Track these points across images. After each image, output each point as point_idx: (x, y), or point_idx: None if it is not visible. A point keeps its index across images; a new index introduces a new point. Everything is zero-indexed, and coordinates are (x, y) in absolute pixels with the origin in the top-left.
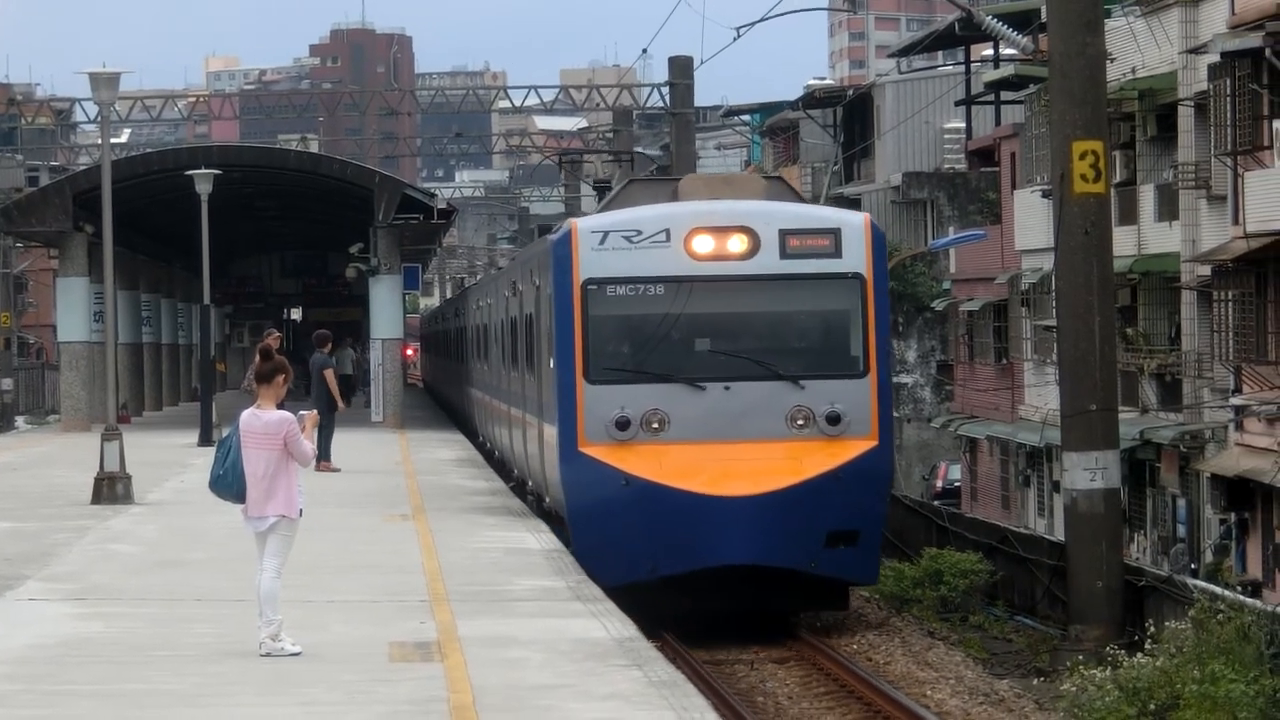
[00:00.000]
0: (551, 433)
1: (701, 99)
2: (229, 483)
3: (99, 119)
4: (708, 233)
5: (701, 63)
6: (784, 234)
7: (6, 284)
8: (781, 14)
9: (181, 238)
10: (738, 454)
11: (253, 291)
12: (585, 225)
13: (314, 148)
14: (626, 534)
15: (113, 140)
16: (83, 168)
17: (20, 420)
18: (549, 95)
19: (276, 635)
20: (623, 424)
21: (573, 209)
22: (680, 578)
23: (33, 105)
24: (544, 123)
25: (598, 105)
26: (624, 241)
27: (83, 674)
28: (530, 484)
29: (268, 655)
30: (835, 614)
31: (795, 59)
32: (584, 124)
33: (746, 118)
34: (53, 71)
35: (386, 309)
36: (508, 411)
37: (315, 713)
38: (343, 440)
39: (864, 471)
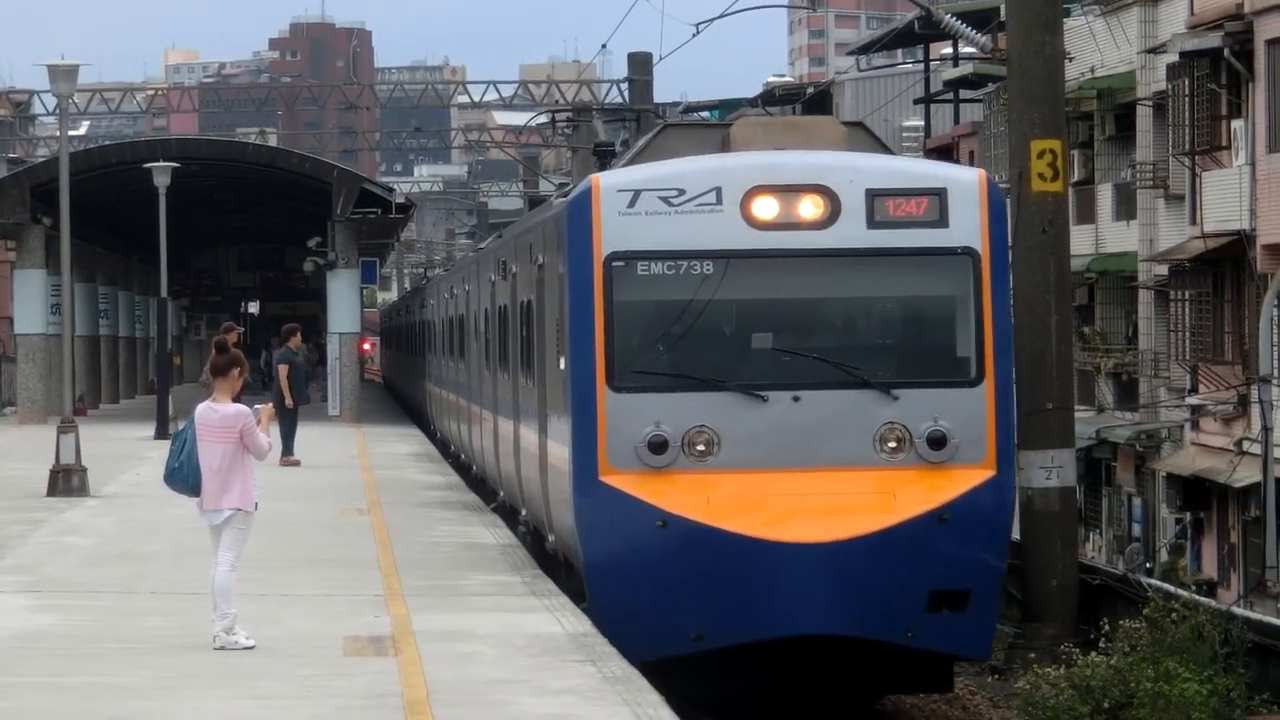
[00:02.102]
0: (559, 454)
1: (661, 95)
2: (184, 476)
3: (57, 111)
4: (771, 193)
5: (661, 58)
6: (872, 195)
7: None
8: (741, 10)
9: (139, 230)
10: (810, 486)
11: (210, 284)
12: (610, 182)
13: (273, 141)
14: (663, 593)
15: (71, 133)
16: (41, 160)
17: None
18: (508, 91)
19: (230, 629)
20: (658, 445)
21: (534, 203)
22: (733, 651)
23: None
24: (503, 118)
25: (557, 101)
26: (661, 204)
27: (35, 666)
28: (523, 514)
29: (221, 649)
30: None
31: (755, 56)
32: (544, 119)
33: (705, 114)
34: (11, 63)
35: (344, 303)
36: (491, 421)
37: (268, 706)
38: (299, 435)
39: (978, 511)
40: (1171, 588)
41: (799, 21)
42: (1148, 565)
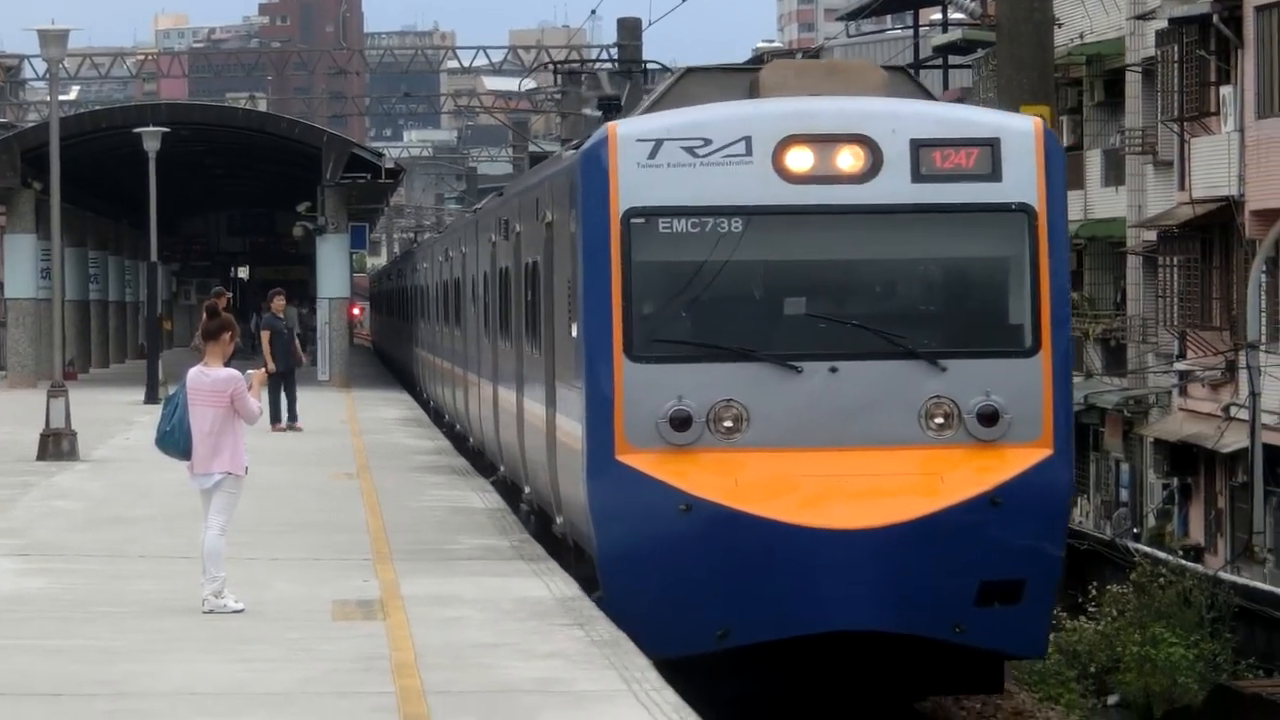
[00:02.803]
0: (571, 430)
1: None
2: (175, 440)
3: (47, 76)
4: (807, 143)
5: (650, 24)
6: (918, 146)
7: None
8: None
9: (130, 195)
10: (849, 467)
11: (200, 249)
12: (629, 131)
13: (262, 106)
14: (685, 584)
15: (61, 97)
16: (31, 124)
17: None
18: (498, 56)
19: (220, 592)
20: (681, 421)
21: (520, 169)
22: (764, 649)
23: None
24: (492, 83)
25: (546, 67)
26: (685, 155)
27: (24, 629)
28: (527, 492)
29: (211, 612)
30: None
31: (744, 21)
32: (532, 84)
33: None
34: (0, 28)
35: (333, 268)
36: (491, 390)
37: (257, 670)
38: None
39: (1034, 493)
40: (1159, 553)
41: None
42: (1135, 530)
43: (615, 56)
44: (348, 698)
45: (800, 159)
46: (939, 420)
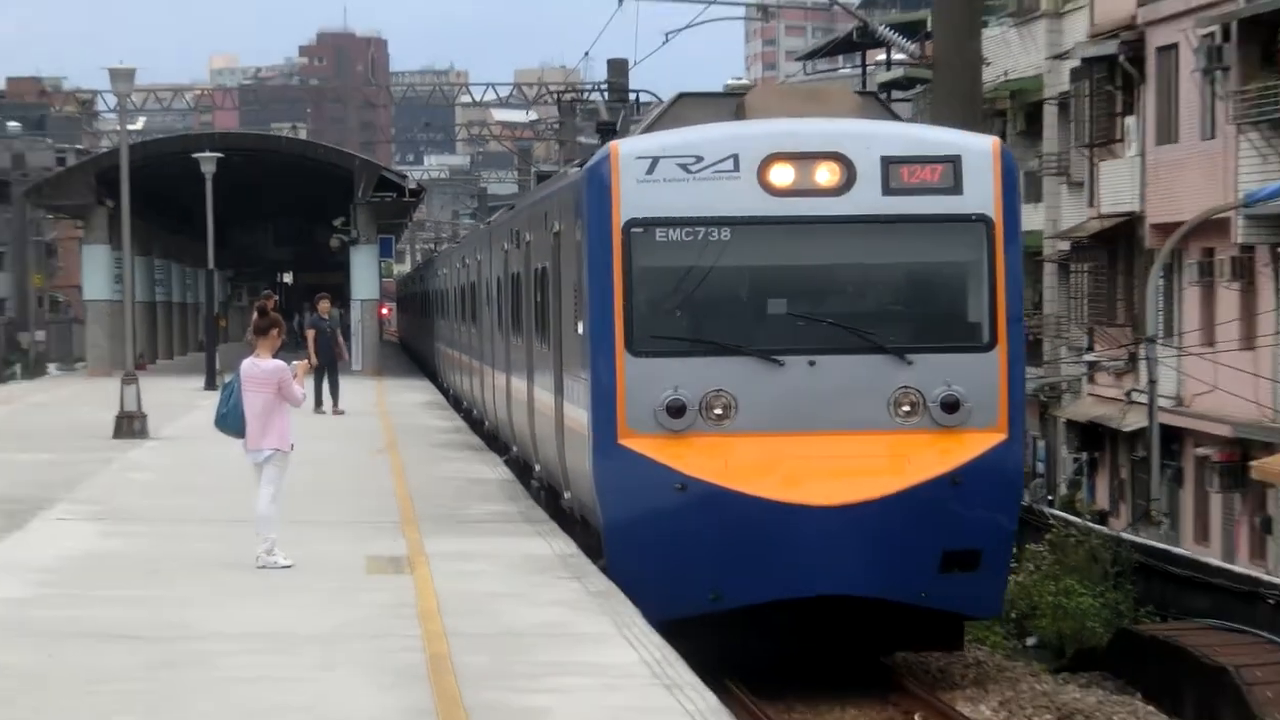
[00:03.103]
0: (578, 416)
1: (635, 102)
2: (231, 421)
3: (118, 109)
4: (788, 160)
5: (635, 63)
6: (888, 162)
7: (40, 250)
8: (704, 21)
9: (189, 211)
10: (826, 450)
11: (250, 258)
12: (629, 148)
13: (303, 135)
14: (681, 553)
15: (130, 127)
16: (104, 150)
17: (51, 367)
18: (505, 91)
19: (270, 551)
20: (676, 409)
21: (525, 189)
22: (751, 610)
23: (61, 96)
24: (500, 115)
25: (546, 100)
26: (679, 170)
27: (104, 582)
28: (537, 469)
29: (263, 568)
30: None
31: (716, 61)
32: (534, 116)
33: None
34: (78, 66)
35: (365, 274)
36: (504, 380)
37: (303, 615)
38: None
39: (990, 473)
40: (1070, 517)
41: (754, 31)
42: (1049, 498)
43: (606, 90)
44: (381, 638)
45: (782, 174)
46: (906, 408)
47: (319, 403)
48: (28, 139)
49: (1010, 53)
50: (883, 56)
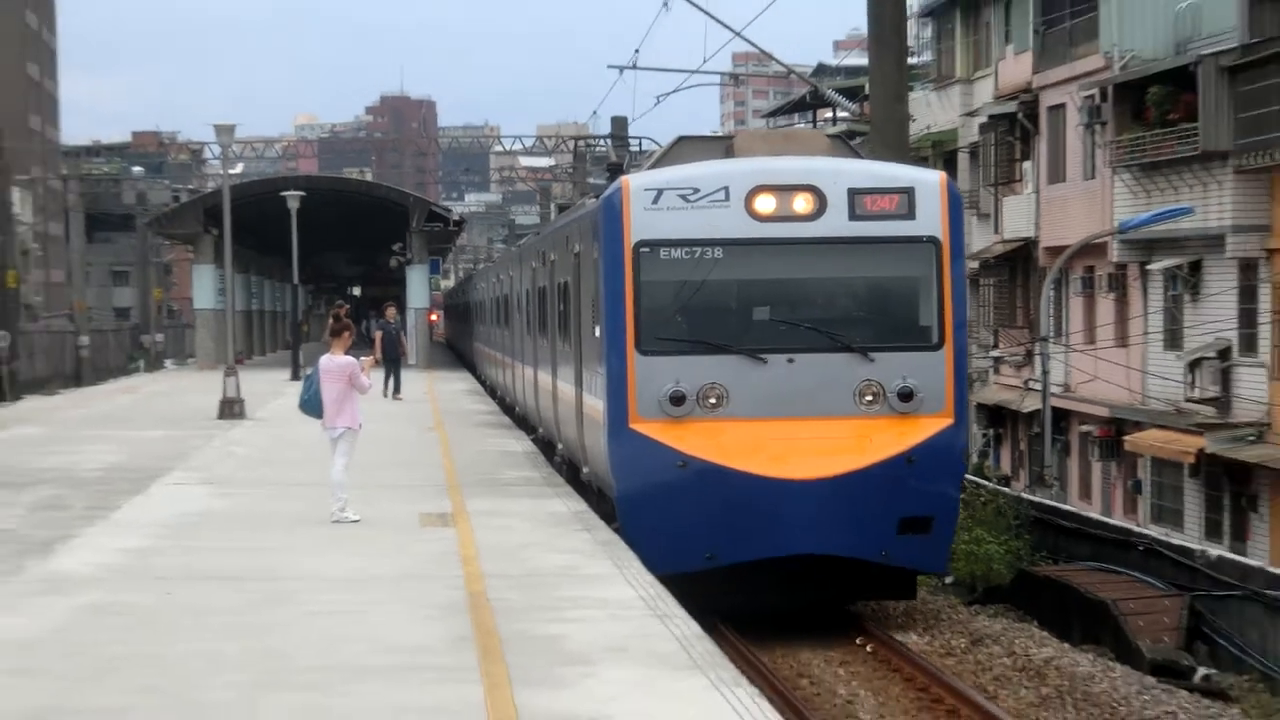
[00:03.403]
0: (595, 405)
1: (634, 149)
2: (312, 405)
3: (221, 156)
4: (770, 191)
5: (633, 120)
6: (853, 193)
7: (158, 269)
8: (688, 86)
9: (278, 237)
10: (803, 432)
11: (326, 274)
12: (638, 182)
13: (368, 177)
14: (682, 519)
15: (230, 171)
16: (210, 190)
17: (168, 363)
18: (529, 142)
19: (343, 509)
20: (677, 399)
21: (545, 219)
22: (740, 568)
23: (175, 146)
24: (526, 161)
25: (562, 149)
26: (679, 200)
27: (212, 535)
28: (560, 447)
29: (336, 522)
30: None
31: (697, 117)
32: (552, 162)
33: None
34: (188, 122)
35: (418, 287)
36: (532, 373)
37: (370, 560)
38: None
39: (939, 452)
40: (981, 480)
41: (727, 94)
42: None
43: (610, 140)
44: (431, 579)
45: (765, 203)
46: (869, 398)
47: (385, 391)
48: (149, 180)
49: (931, 111)
50: (830, 114)
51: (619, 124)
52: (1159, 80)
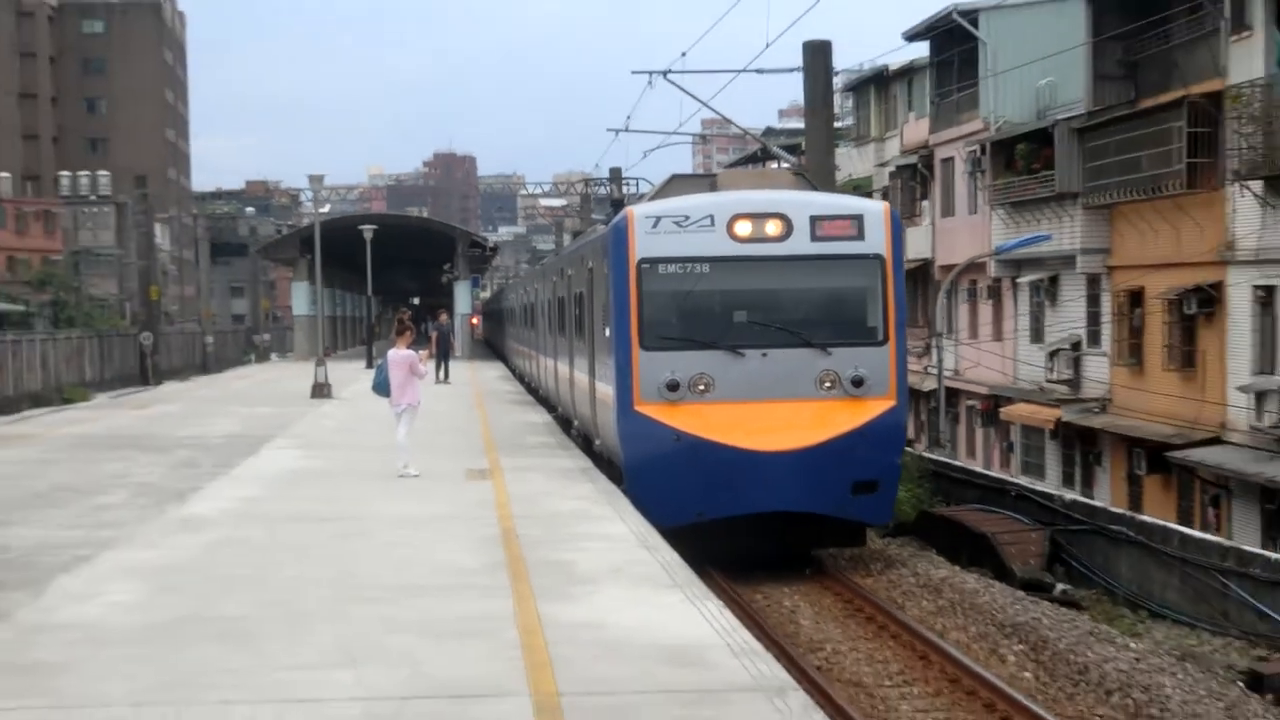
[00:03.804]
0: (607, 392)
1: (627, 190)
2: (382, 388)
3: (313, 199)
4: (748, 218)
5: (626, 170)
6: (814, 219)
7: (265, 285)
8: (667, 144)
9: (356, 260)
10: (774, 412)
11: (393, 288)
12: (640, 212)
13: (425, 215)
14: (677, 483)
15: (320, 210)
16: (305, 224)
17: (273, 356)
18: (547, 187)
19: (406, 466)
20: (673, 386)
21: (560, 246)
22: (723, 521)
23: (278, 191)
24: (545, 201)
25: (573, 193)
26: (674, 226)
27: (305, 486)
28: (576, 423)
29: (401, 477)
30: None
31: (674, 166)
32: (564, 202)
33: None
34: (289, 172)
35: (463, 298)
36: (553, 364)
37: (427, 506)
38: (452, 369)
39: (884, 428)
40: None
41: (697, 149)
42: None
43: (609, 184)
44: (473, 520)
45: (744, 228)
46: (828, 384)
47: (438, 378)
48: (258, 218)
49: (852, 162)
50: (775, 166)
51: (615, 173)
52: (1025, 139)
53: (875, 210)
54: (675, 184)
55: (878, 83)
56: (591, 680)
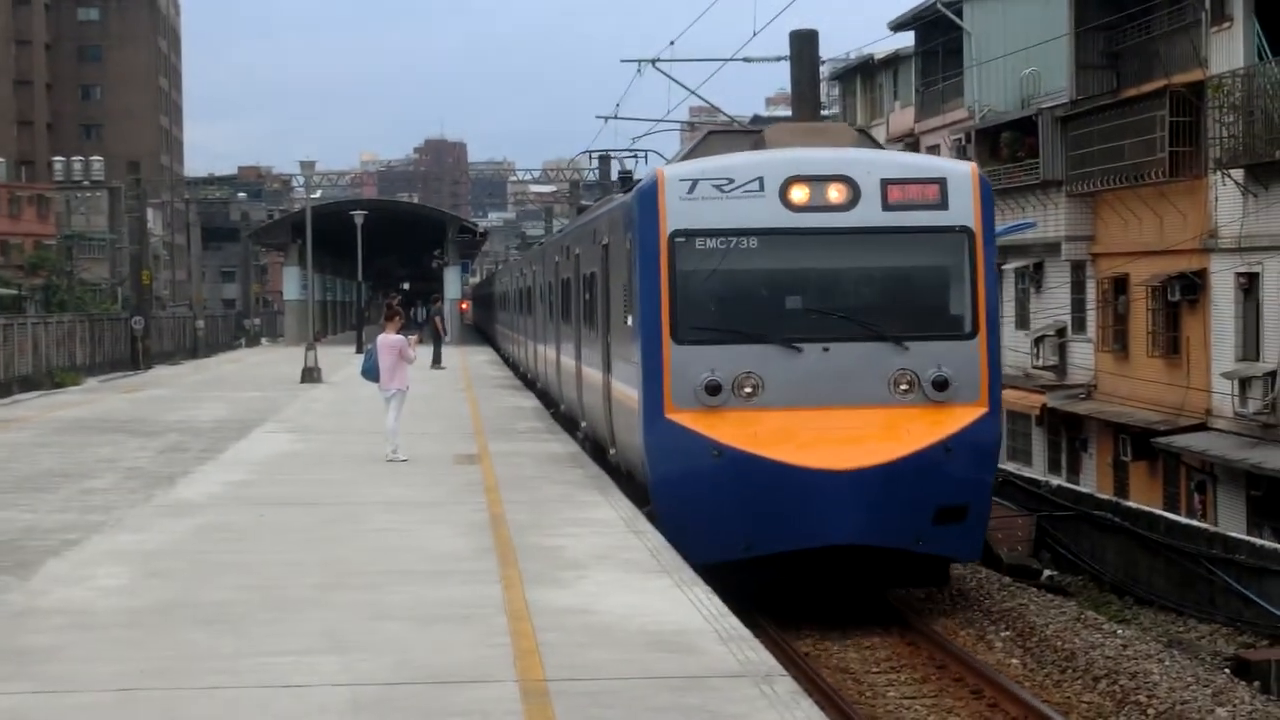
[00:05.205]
0: (627, 393)
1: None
2: (371, 373)
3: (305, 184)
4: (804, 182)
5: (615, 157)
6: (886, 183)
7: (256, 270)
8: (656, 131)
9: (347, 246)
10: (838, 421)
11: (383, 273)
12: (673, 173)
13: (416, 201)
14: (718, 509)
15: (311, 195)
16: (296, 210)
17: (264, 340)
18: (537, 174)
19: (395, 450)
20: (713, 388)
21: (549, 231)
22: (775, 557)
23: (270, 177)
24: (534, 188)
25: (561, 179)
26: (714, 190)
27: (292, 469)
28: (583, 425)
29: (390, 461)
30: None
31: (665, 154)
32: (554, 189)
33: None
34: (280, 158)
35: (453, 283)
36: (555, 355)
37: (415, 489)
38: (427, 351)
39: (974, 442)
40: None
41: (685, 138)
42: None
43: (597, 172)
44: (462, 504)
45: (800, 193)
46: (904, 386)
47: (435, 363)
48: (250, 203)
49: None
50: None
51: (603, 159)
52: (1009, 128)
53: (961, 172)
54: (712, 141)
55: (864, 72)
56: (578, 666)
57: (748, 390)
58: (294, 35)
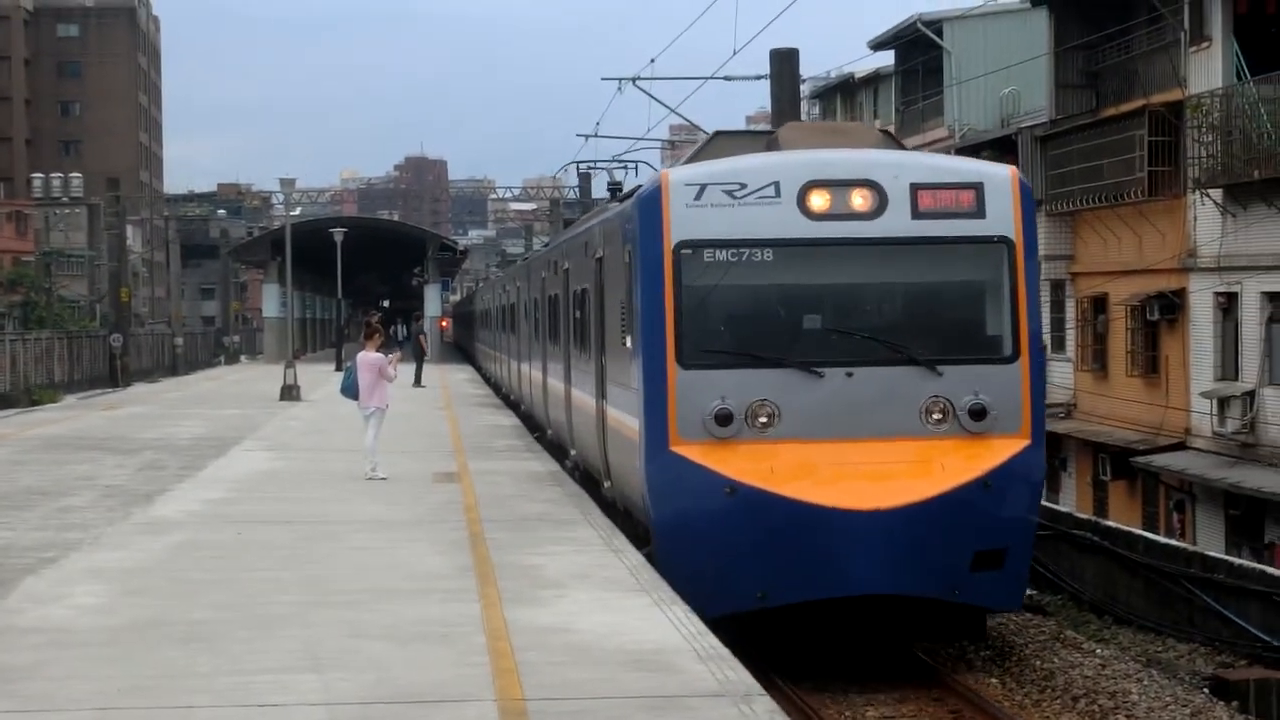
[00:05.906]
0: (626, 422)
1: (598, 193)
2: (350, 390)
3: (284, 201)
4: (825, 187)
5: (595, 174)
6: (916, 189)
7: (236, 287)
8: (637, 149)
9: (327, 263)
10: (863, 455)
11: (363, 291)
12: (678, 176)
13: (396, 218)
14: (729, 553)
15: (291, 213)
16: (276, 227)
17: (243, 358)
18: (517, 191)
19: (374, 468)
20: (724, 417)
21: (529, 248)
22: (796, 606)
23: (250, 194)
24: (514, 205)
25: (542, 197)
26: (724, 196)
27: (271, 488)
28: (573, 454)
29: (369, 479)
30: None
31: (645, 172)
32: (534, 206)
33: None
34: (260, 175)
35: (433, 301)
36: (541, 376)
37: (394, 509)
38: (409, 369)
39: (1016, 477)
40: None
41: (666, 156)
42: None
43: (577, 192)
44: (441, 522)
45: (820, 200)
46: (937, 415)
47: (416, 381)
48: (229, 220)
49: None
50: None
51: (584, 178)
52: (989, 146)
53: (1000, 177)
54: (720, 143)
55: (844, 90)
56: (557, 685)
57: (762, 420)
58: (274, 52)
